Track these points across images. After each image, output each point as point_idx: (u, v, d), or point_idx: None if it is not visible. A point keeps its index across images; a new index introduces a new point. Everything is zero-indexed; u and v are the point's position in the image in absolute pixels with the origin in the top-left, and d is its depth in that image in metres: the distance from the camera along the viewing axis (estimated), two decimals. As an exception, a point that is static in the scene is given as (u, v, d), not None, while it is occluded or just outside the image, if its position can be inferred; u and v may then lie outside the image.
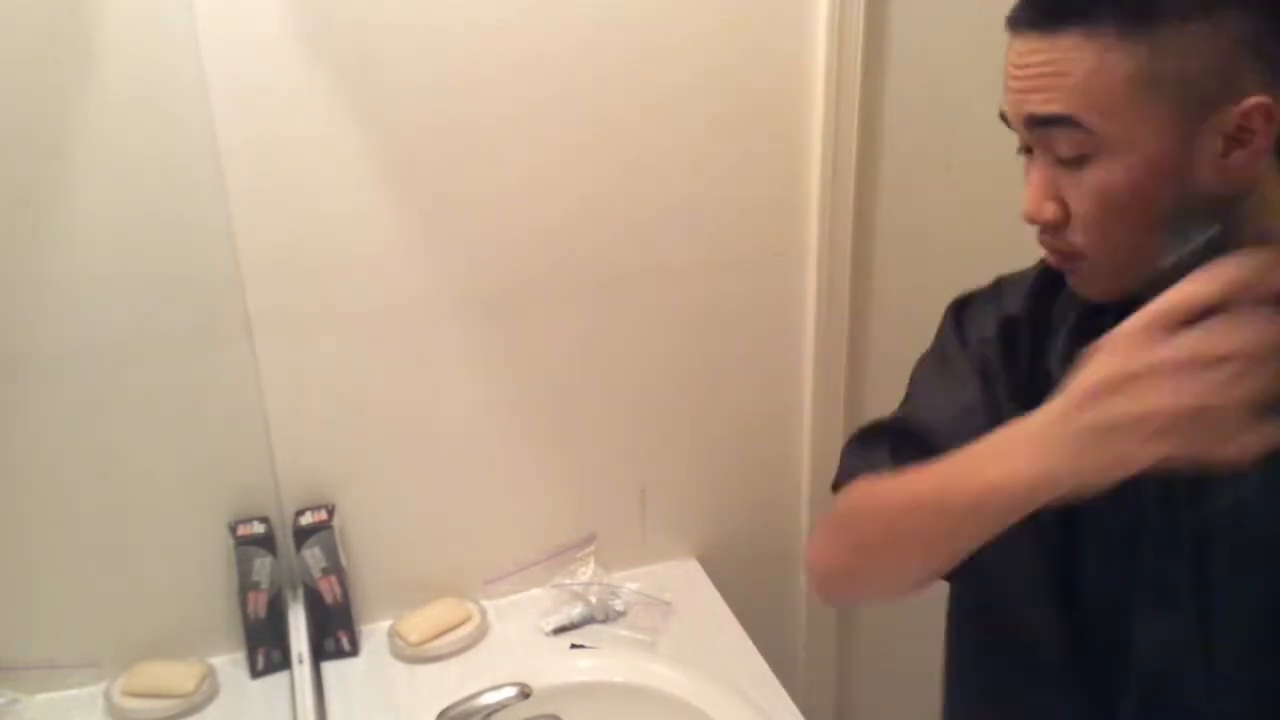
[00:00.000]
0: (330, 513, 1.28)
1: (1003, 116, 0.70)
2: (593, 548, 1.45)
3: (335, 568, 1.28)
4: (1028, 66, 0.65)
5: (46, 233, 1.10)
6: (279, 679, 1.27)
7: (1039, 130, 0.67)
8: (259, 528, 1.24)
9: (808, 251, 1.40)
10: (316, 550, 1.27)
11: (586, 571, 1.44)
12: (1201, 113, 0.62)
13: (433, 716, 1.11)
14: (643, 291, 1.36)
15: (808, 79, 1.32)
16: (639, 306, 1.36)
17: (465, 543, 1.40)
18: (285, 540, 1.27)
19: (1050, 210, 0.68)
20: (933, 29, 1.34)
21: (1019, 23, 0.67)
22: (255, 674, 1.28)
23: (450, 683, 1.25)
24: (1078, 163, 0.66)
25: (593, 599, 1.39)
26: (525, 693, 1.12)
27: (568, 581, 1.43)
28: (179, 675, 1.24)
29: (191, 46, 1.09)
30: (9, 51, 1.04)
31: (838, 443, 1.50)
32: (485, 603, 1.41)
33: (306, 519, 1.27)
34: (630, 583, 1.44)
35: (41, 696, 1.22)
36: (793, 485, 1.54)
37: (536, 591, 1.43)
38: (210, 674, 1.26)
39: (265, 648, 1.28)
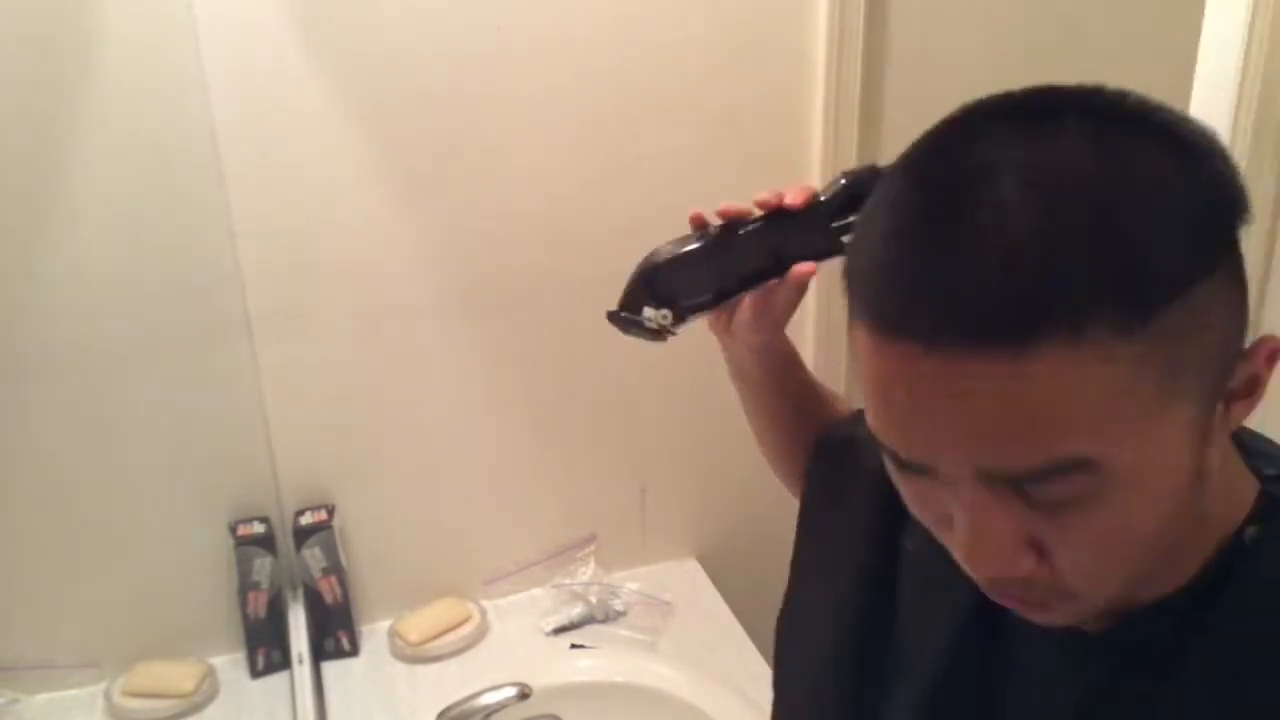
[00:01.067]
0: (330, 513, 1.28)
1: (891, 453, 0.49)
2: (593, 548, 1.45)
3: (335, 568, 1.28)
4: (976, 400, 0.43)
5: (47, 233, 1.10)
6: (279, 679, 1.27)
7: (1004, 485, 0.45)
8: (259, 528, 1.25)
9: (808, 251, 1.40)
10: (316, 550, 1.27)
11: (586, 571, 1.44)
12: (1219, 392, 0.47)
13: (433, 716, 1.11)
14: (643, 291, 1.36)
15: (808, 78, 1.33)
16: (639, 306, 1.36)
17: (465, 543, 1.40)
18: (285, 540, 1.27)
19: (1029, 563, 0.47)
20: (933, 29, 1.34)
21: (927, 325, 0.43)
22: (255, 674, 1.28)
23: (450, 683, 1.25)
24: (1067, 506, 0.46)
25: (593, 599, 1.39)
26: (525, 693, 1.12)
27: (568, 581, 1.43)
28: (179, 675, 1.24)
29: (192, 46, 1.09)
30: (9, 53, 1.04)
31: (838, 443, 1.52)
32: (485, 603, 1.41)
33: (306, 519, 1.27)
34: (630, 583, 1.44)
35: (41, 696, 1.22)
36: (793, 485, 1.54)
37: (536, 591, 1.43)
38: (210, 674, 1.26)
39: (265, 648, 1.28)
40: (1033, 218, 0.42)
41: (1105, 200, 0.43)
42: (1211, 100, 1.03)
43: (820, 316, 1.43)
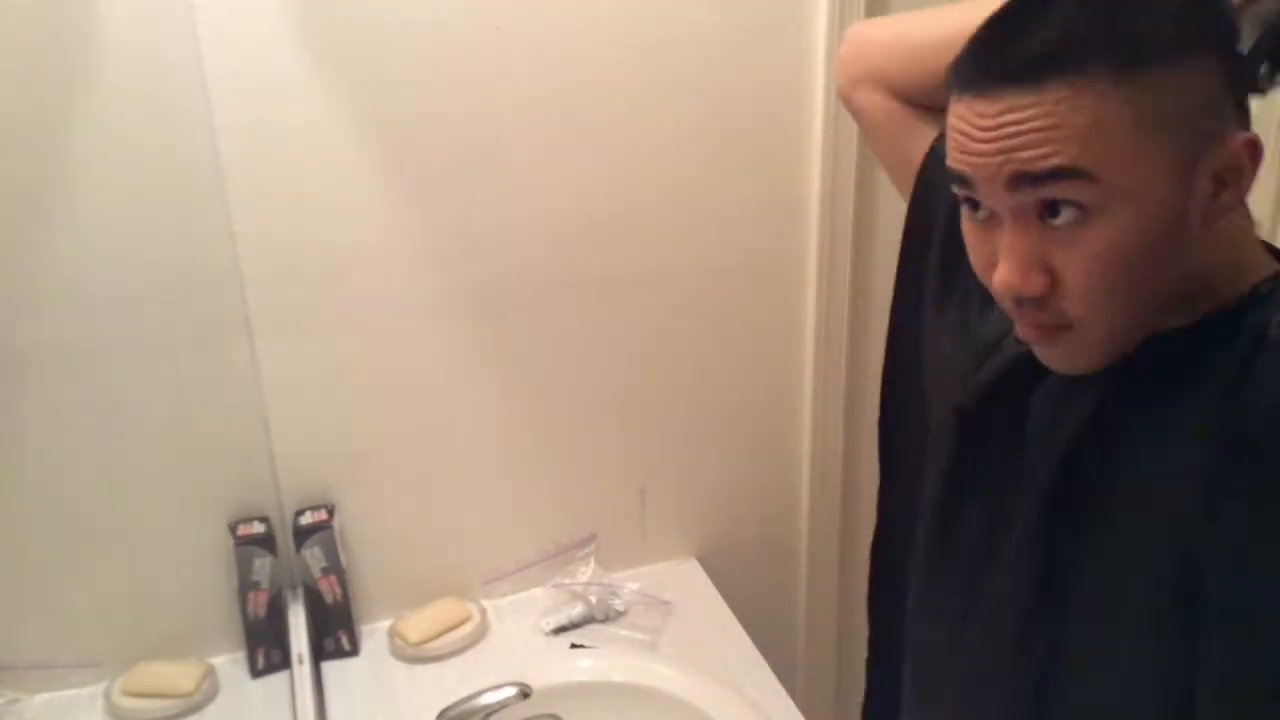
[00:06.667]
0: (330, 513, 1.28)
1: (959, 179, 0.63)
2: (593, 548, 1.45)
3: (335, 568, 1.28)
4: (1007, 124, 0.58)
5: (47, 233, 1.10)
6: (279, 679, 1.27)
7: (1028, 190, 0.59)
8: (259, 528, 1.24)
9: (808, 254, 1.40)
10: (316, 550, 1.27)
11: (586, 571, 1.44)
12: (1198, 152, 0.59)
13: (433, 716, 1.11)
14: (644, 293, 1.36)
15: (808, 81, 1.33)
16: (641, 308, 1.36)
17: (465, 543, 1.40)
18: (285, 540, 1.27)
19: (1038, 282, 0.60)
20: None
21: (981, 79, 0.60)
22: (255, 674, 1.28)
23: (450, 683, 1.25)
24: (1075, 223, 0.59)
25: (593, 599, 1.39)
26: (525, 693, 1.12)
27: (568, 581, 1.43)
28: (179, 675, 1.24)
29: (192, 46, 1.09)
30: (9, 54, 1.04)
31: (837, 444, 1.52)
32: (485, 603, 1.41)
33: (306, 519, 1.27)
34: (630, 583, 1.44)
35: (41, 696, 1.22)
36: (792, 485, 1.54)
37: (536, 591, 1.43)
38: (210, 674, 1.26)
39: (265, 648, 1.27)
40: None
41: None
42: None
43: (820, 316, 1.43)
